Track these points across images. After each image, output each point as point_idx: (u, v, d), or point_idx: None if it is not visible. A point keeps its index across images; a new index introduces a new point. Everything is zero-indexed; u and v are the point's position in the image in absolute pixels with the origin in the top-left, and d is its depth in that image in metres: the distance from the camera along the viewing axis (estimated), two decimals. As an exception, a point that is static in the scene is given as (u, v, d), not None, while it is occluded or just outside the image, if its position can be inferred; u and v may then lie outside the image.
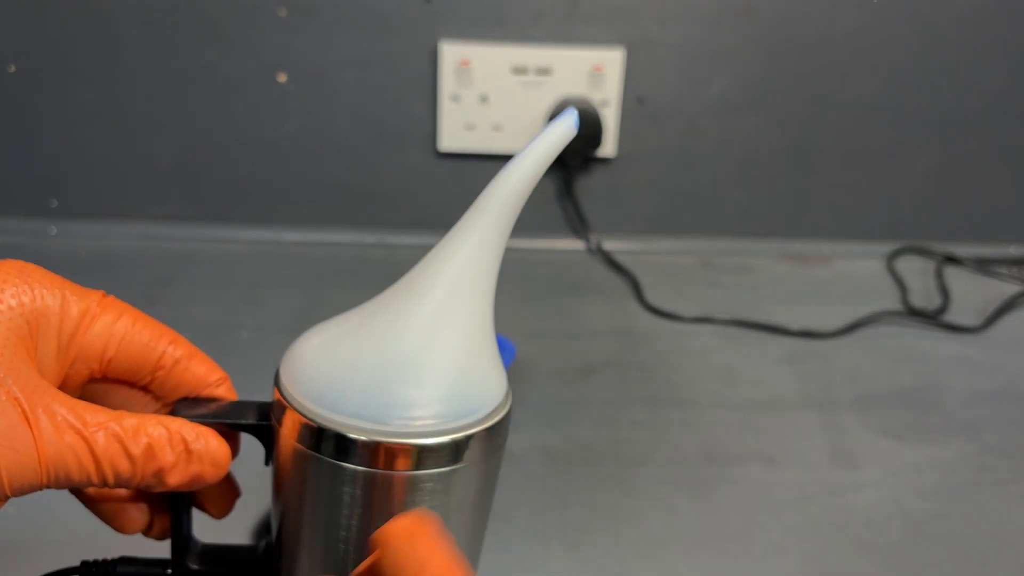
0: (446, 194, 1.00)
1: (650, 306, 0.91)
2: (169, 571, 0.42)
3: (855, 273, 1.01)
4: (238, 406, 0.40)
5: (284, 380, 0.38)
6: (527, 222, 1.16)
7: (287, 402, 0.37)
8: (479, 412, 0.37)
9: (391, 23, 0.94)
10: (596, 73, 0.95)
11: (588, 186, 1.02)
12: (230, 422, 0.39)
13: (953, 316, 0.92)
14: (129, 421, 0.35)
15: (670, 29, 0.95)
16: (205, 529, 0.43)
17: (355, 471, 0.36)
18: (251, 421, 0.39)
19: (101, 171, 1.00)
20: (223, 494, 0.42)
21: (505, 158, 1.09)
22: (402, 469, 0.35)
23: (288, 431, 0.37)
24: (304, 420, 0.36)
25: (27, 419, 0.32)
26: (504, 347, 0.75)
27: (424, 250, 0.38)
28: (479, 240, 0.37)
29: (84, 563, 0.43)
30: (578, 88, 0.96)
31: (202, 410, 0.39)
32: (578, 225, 1.03)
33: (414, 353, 0.36)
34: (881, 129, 1.00)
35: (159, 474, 0.35)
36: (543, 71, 0.95)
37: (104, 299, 0.38)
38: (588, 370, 0.80)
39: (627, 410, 0.74)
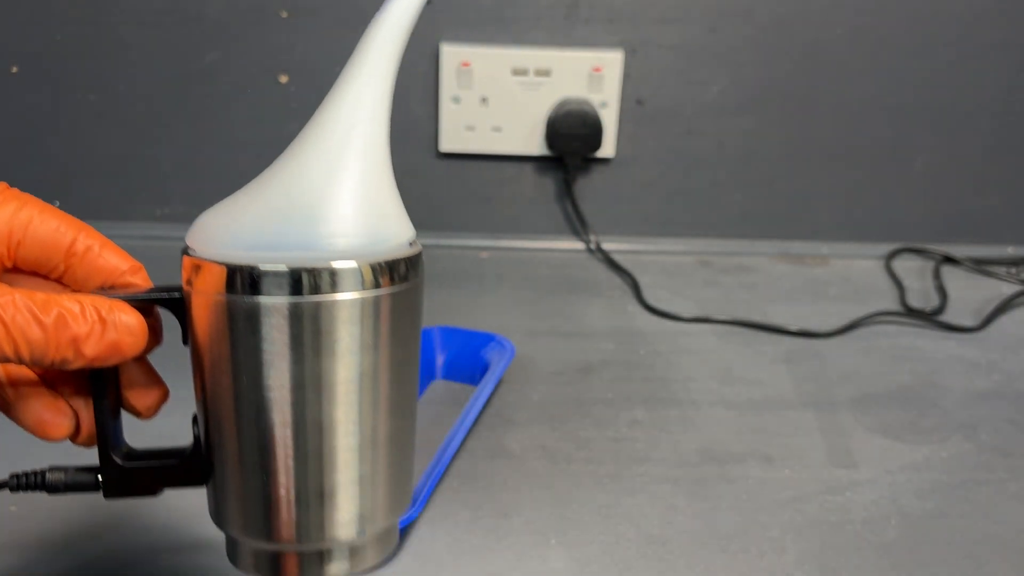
0: (447, 194, 1.01)
1: (649, 306, 0.92)
2: (99, 475, 0.41)
3: (853, 273, 1.01)
4: (153, 289, 0.40)
5: (191, 244, 0.39)
6: (527, 222, 1.17)
7: (197, 257, 0.37)
8: (388, 243, 0.38)
9: (392, 25, 0.95)
10: (595, 74, 0.96)
11: (587, 187, 1.02)
12: (142, 297, 0.39)
13: (951, 316, 0.92)
14: (40, 295, 0.35)
15: (669, 31, 0.95)
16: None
17: (272, 304, 0.36)
18: (163, 295, 0.39)
19: (104, 172, 1.01)
20: (147, 386, 0.41)
21: (505, 159, 1.10)
22: (316, 294, 0.36)
23: (201, 287, 0.37)
24: (216, 266, 0.37)
25: None
26: (503, 346, 0.76)
27: (424, 250, 0.39)
28: (367, 82, 0.39)
29: (13, 475, 0.42)
30: (577, 89, 0.96)
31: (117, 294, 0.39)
32: (577, 225, 1.03)
33: (319, 186, 0.37)
34: (878, 130, 1.01)
35: (75, 343, 0.35)
36: (542, 73, 0.96)
37: (8, 189, 0.39)
38: (587, 369, 0.80)
39: (626, 409, 0.75)
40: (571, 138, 0.97)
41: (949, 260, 1.04)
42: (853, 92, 0.99)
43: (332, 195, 0.37)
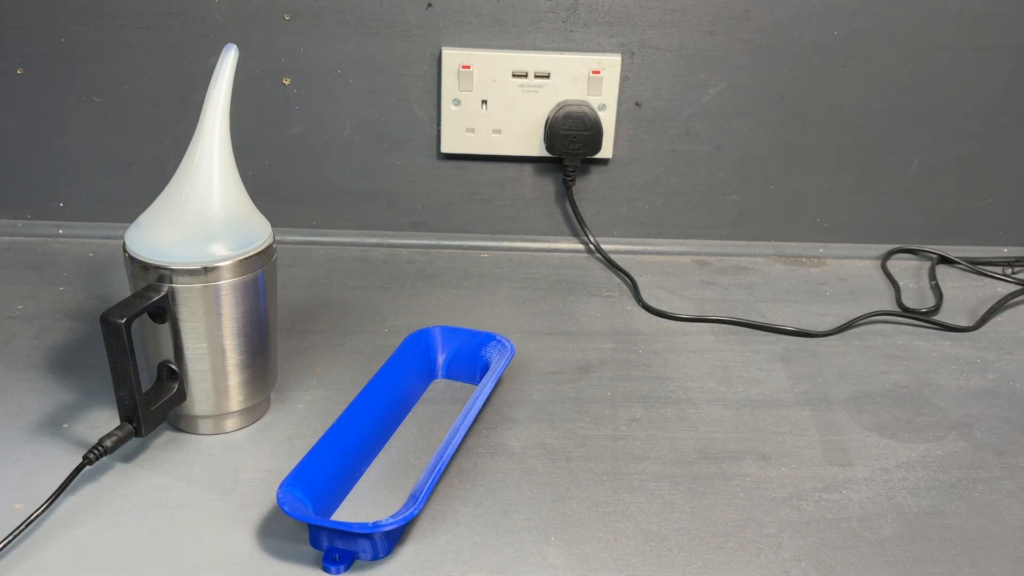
0: (448, 195, 1.01)
1: (647, 306, 0.92)
2: (134, 425, 0.62)
3: (849, 273, 1.02)
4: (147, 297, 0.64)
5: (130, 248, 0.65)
6: (526, 223, 1.17)
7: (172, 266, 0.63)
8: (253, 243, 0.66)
9: (394, 29, 0.95)
10: (594, 77, 0.96)
11: (586, 188, 1.03)
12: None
13: (946, 316, 0.93)
14: None
15: (666, 34, 0.96)
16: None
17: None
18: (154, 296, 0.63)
19: (107, 174, 1.02)
20: None
21: (505, 160, 1.11)
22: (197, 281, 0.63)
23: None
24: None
25: None
26: (503, 346, 0.77)
27: (424, 250, 0.40)
28: (219, 139, 0.64)
29: (85, 457, 0.60)
30: (577, 92, 0.97)
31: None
32: (577, 226, 1.04)
33: (217, 221, 0.64)
34: (874, 132, 1.01)
35: None
36: (542, 75, 0.96)
37: None
38: (586, 368, 0.81)
39: (624, 408, 0.75)
40: (570, 140, 0.97)
41: (944, 260, 1.04)
42: (849, 94, 0.99)
43: (221, 223, 0.64)
